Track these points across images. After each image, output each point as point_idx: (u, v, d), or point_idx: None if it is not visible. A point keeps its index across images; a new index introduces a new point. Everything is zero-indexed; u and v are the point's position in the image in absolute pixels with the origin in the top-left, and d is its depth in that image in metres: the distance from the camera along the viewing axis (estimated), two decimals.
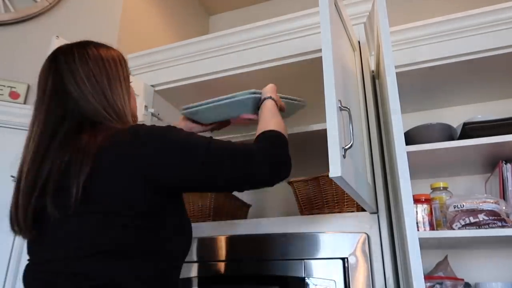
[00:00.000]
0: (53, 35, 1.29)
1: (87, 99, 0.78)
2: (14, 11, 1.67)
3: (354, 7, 1.32)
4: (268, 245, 1.14)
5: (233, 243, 1.19)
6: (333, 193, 1.21)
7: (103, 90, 0.80)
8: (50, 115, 0.77)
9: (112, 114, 0.79)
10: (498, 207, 1.00)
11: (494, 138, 1.07)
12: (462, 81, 1.43)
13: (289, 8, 2.21)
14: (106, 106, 0.79)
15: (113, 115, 0.79)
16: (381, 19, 0.99)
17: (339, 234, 1.08)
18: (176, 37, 2.12)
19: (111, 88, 0.81)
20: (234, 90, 1.54)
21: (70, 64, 0.80)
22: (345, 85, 0.94)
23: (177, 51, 1.55)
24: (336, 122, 0.76)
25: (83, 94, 0.78)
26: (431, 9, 1.96)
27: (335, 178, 0.73)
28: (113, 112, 0.79)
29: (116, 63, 0.85)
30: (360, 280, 1.01)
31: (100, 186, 0.69)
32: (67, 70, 0.79)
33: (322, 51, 0.84)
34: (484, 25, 1.25)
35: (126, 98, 0.84)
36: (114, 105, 0.80)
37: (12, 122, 1.47)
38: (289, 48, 1.37)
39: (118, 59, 0.86)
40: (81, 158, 0.69)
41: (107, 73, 0.81)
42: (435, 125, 1.21)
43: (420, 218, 1.09)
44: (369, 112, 1.21)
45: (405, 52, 1.33)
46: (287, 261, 1.09)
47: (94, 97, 0.78)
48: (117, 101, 0.81)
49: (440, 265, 1.26)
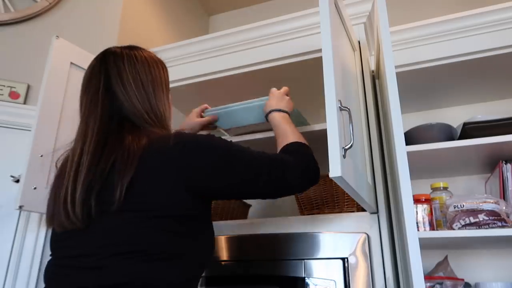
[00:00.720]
0: (53, 35, 1.30)
1: (131, 102, 0.80)
2: (14, 11, 1.67)
3: (354, 7, 1.32)
4: (268, 245, 1.14)
5: (233, 243, 1.19)
6: (333, 193, 1.22)
7: (147, 94, 0.82)
8: (104, 114, 0.78)
9: (154, 118, 0.82)
10: (498, 207, 1.00)
11: (494, 138, 1.07)
12: (462, 81, 1.43)
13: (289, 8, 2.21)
14: (149, 110, 0.82)
15: (154, 119, 0.82)
16: (381, 19, 0.99)
17: (339, 234, 1.08)
18: (176, 37, 2.12)
19: (155, 93, 0.84)
20: (234, 90, 1.55)
21: (119, 65, 0.82)
22: (345, 85, 0.94)
23: (177, 51, 1.55)
24: (336, 122, 0.76)
25: (128, 96, 0.80)
26: (431, 9, 1.96)
27: (335, 178, 0.73)
28: (154, 116, 0.82)
29: (160, 68, 0.88)
30: (360, 280, 1.01)
31: (142, 188, 0.70)
32: (115, 71, 0.82)
33: (322, 51, 0.84)
34: (484, 25, 1.25)
35: (167, 104, 0.87)
36: (157, 110, 0.83)
37: (12, 122, 1.47)
38: (289, 48, 1.37)
39: (161, 65, 0.89)
40: (126, 159, 0.71)
41: (152, 78, 0.84)
42: (435, 125, 1.21)
43: (420, 218, 1.09)
44: (369, 112, 1.21)
45: (405, 52, 1.33)
46: (287, 261, 1.09)
47: (139, 101, 0.81)
48: (159, 107, 0.84)
49: (440, 265, 1.26)
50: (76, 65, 1.34)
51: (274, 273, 1.10)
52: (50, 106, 1.25)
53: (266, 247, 1.14)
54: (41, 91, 1.23)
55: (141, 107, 0.80)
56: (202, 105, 1.26)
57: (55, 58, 1.28)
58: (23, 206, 1.14)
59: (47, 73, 1.25)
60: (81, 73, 0.89)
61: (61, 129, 1.26)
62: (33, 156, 1.17)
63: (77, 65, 1.34)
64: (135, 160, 0.71)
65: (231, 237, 1.20)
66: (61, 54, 1.31)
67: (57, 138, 1.25)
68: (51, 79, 1.26)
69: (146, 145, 0.73)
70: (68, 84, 1.31)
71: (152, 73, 0.85)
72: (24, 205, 1.14)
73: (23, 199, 1.14)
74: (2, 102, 1.48)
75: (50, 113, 1.25)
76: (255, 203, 1.79)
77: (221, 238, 1.20)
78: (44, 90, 1.23)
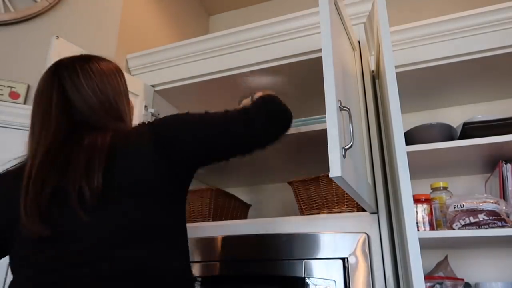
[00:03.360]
0: (53, 35, 1.29)
1: (94, 112, 0.81)
2: (14, 11, 1.67)
3: (354, 7, 1.32)
4: (268, 245, 1.14)
5: (233, 243, 1.19)
6: (333, 193, 1.22)
7: (110, 103, 0.84)
8: (60, 127, 0.78)
9: (119, 121, 0.85)
10: (498, 207, 1.00)
11: (494, 138, 1.07)
12: (462, 81, 1.43)
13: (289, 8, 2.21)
14: (115, 116, 0.84)
15: (120, 121, 0.85)
16: (381, 19, 0.99)
17: (339, 234, 1.08)
18: (176, 37, 2.12)
19: (115, 100, 0.85)
20: (234, 90, 1.55)
21: (75, 80, 0.82)
22: (345, 85, 0.94)
23: (177, 51, 1.55)
24: (336, 122, 0.76)
25: (91, 108, 0.81)
26: (431, 9, 1.96)
27: (335, 178, 0.73)
28: (120, 120, 0.85)
29: (117, 76, 0.88)
30: (360, 280, 1.01)
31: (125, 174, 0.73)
32: (72, 86, 0.81)
33: (322, 51, 0.84)
34: (484, 25, 1.25)
35: (127, 109, 0.89)
36: (123, 115, 0.86)
37: (12, 122, 1.47)
38: (289, 48, 1.37)
39: (117, 73, 0.89)
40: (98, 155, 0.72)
41: (111, 87, 0.85)
42: (435, 125, 1.21)
43: (420, 218, 1.09)
44: (369, 112, 1.21)
45: (405, 52, 1.33)
46: (287, 261, 1.09)
47: (102, 110, 0.82)
48: (120, 106, 0.86)
49: (440, 265, 1.26)
50: None
51: (274, 273, 1.10)
52: None
53: (266, 247, 1.14)
54: None
55: (106, 115, 0.82)
56: None
57: (55, 58, 1.27)
58: None
59: None
60: None
61: None
62: None
63: None
64: (103, 154, 0.72)
65: (231, 237, 1.20)
66: (61, 54, 1.30)
67: None
68: None
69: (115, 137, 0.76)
70: None
71: (110, 82, 0.85)
72: None
73: None
74: (2, 102, 1.48)
75: None
76: (255, 203, 1.79)
77: (222, 238, 1.20)
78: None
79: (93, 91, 0.82)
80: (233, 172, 1.69)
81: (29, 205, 0.69)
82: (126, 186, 0.72)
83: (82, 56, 0.88)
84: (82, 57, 0.88)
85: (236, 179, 1.79)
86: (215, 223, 1.31)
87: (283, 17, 1.38)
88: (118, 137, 0.77)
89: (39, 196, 0.70)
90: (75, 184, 0.69)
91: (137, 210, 0.71)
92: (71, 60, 0.86)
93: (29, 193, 0.70)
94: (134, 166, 0.73)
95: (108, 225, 0.69)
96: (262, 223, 1.20)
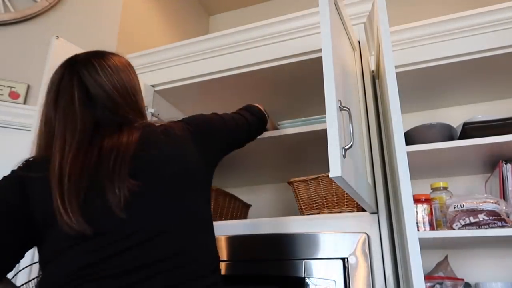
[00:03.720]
0: (53, 35, 1.30)
1: (120, 108, 0.82)
2: (14, 11, 1.67)
3: (354, 7, 1.32)
4: (268, 245, 1.14)
5: (233, 243, 1.19)
6: (333, 193, 1.22)
7: (131, 98, 0.85)
8: (86, 124, 0.77)
9: (141, 116, 0.87)
10: (498, 207, 1.00)
11: (494, 138, 1.07)
12: (462, 81, 1.43)
13: (289, 8, 2.21)
14: (138, 112, 0.86)
15: (142, 117, 0.87)
16: (381, 19, 0.99)
17: (339, 234, 1.08)
18: (176, 37, 2.12)
19: (135, 96, 0.87)
20: (234, 90, 1.55)
21: (95, 77, 0.82)
22: (345, 85, 0.94)
23: (177, 51, 1.55)
24: (336, 122, 0.76)
25: (116, 104, 0.82)
26: (431, 9, 1.96)
27: (335, 178, 0.73)
28: (142, 115, 0.87)
29: (131, 72, 0.90)
30: (360, 280, 1.01)
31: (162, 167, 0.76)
32: (94, 82, 0.81)
33: (322, 51, 0.84)
34: (484, 25, 1.25)
35: (143, 105, 0.91)
36: (142, 111, 0.89)
37: (12, 122, 1.47)
38: (289, 48, 1.37)
39: (130, 68, 0.91)
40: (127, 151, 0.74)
41: (129, 83, 0.86)
42: (435, 125, 1.21)
43: (420, 218, 1.09)
44: (369, 112, 1.21)
45: (405, 52, 1.33)
46: (287, 261, 1.09)
47: (126, 105, 0.83)
48: (142, 108, 0.89)
49: (440, 265, 1.26)
50: None
51: (274, 273, 1.10)
52: None
53: (266, 247, 1.14)
54: (41, 91, 1.23)
55: (128, 109, 0.83)
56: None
57: (55, 58, 1.28)
58: None
59: (47, 73, 1.25)
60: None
61: None
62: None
63: None
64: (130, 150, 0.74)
65: (231, 237, 1.20)
66: (61, 54, 1.30)
67: None
68: None
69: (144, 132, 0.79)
70: None
71: (127, 79, 0.86)
72: None
73: None
74: (2, 102, 1.48)
75: None
76: (255, 203, 1.79)
77: (221, 238, 1.20)
78: (44, 90, 1.23)
79: (114, 87, 0.82)
80: (233, 172, 1.69)
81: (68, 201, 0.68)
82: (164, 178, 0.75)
83: (96, 52, 0.88)
84: (97, 53, 0.88)
85: (236, 179, 1.79)
86: (215, 223, 1.30)
87: (283, 17, 1.38)
88: (149, 131, 0.80)
89: (76, 193, 0.69)
90: (110, 181, 0.70)
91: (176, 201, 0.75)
92: (86, 56, 0.86)
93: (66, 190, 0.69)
94: (172, 159, 0.78)
95: (145, 219, 0.71)
96: (262, 223, 1.20)
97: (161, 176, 0.75)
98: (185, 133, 0.85)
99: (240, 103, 1.23)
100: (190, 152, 0.83)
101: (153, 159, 0.76)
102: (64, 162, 0.72)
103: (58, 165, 0.71)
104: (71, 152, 0.73)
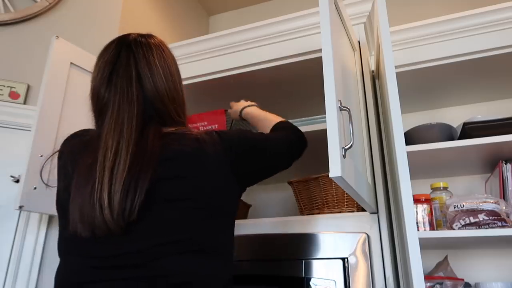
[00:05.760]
0: (53, 35, 1.30)
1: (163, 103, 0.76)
2: (14, 11, 1.67)
3: (354, 7, 1.32)
4: (268, 245, 1.14)
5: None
6: (333, 193, 1.22)
7: (177, 92, 0.80)
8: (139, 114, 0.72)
9: (181, 115, 0.80)
10: (498, 207, 1.00)
11: (494, 138, 1.07)
12: (462, 81, 1.43)
13: (289, 8, 2.21)
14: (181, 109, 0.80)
15: (182, 116, 0.80)
16: (381, 19, 0.99)
17: (339, 234, 1.08)
18: (176, 37, 2.12)
19: (180, 87, 0.82)
20: (234, 90, 1.55)
21: (148, 57, 0.76)
22: (345, 85, 0.94)
23: (177, 51, 1.54)
24: (336, 122, 0.76)
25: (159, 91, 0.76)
26: (431, 9, 1.96)
27: (335, 178, 0.73)
28: (184, 115, 0.81)
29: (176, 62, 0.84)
30: (360, 280, 1.01)
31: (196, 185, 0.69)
32: (145, 62, 0.76)
33: (322, 51, 0.84)
34: (484, 25, 1.25)
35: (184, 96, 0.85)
36: (182, 105, 0.81)
37: (12, 122, 1.48)
38: (289, 48, 1.37)
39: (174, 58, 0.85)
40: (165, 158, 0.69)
41: (177, 71, 0.82)
42: (435, 125, 1.21)
43: (420, 218, 1.09)
44: (369, 112, 1.21)
45: (405, 52, 1.33)
46: (287, 261, 1.09)
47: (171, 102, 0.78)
48: (182, 98, 0.82)
49: (440, 265, 1.26)
50: (76, 65, 1.34)
51: (274, 273, 1.10)
52: (50, 106, 1.25)
53: (266, 247, 1.14)
54: (41, 91, 1.24)
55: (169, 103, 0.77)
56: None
57: (55, 58, 1.28)
58: (23, 207, 1.14)
59: (47, 73, 1.25)
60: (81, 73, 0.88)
61: (61, 129, 1.26)
62: (33, 156, 1.17)
63: (77, 65, 1.34)
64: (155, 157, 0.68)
65: None
66: (61, 54, 1.31)
67: (57, 138, 1.25)
68: (51, 79, 1.26)
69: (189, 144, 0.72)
70: (68, 84, 1.31)
71: (176, 67, 0.82)
72: (24, 205, 1.14)
73: (23, 199, 1.14)
74: (2, 102, 1.48)
75: (50, 113, 1.25)
76: (255, 203, 1.79)
77: None
78: (44, 90, 1.23)
79: (163, 70, 0.77)
80: None
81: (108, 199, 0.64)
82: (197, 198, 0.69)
83: (149, 35, 0.83)
84: (145, 34, 0.83)
85: None
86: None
87: (283, 17, 1.38)
88: (185, 138, 0.72)
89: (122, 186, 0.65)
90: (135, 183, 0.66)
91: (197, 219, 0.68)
92: (138, 36, 0.81)
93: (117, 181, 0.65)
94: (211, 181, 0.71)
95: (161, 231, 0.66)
96: (262, 223, 1.20)
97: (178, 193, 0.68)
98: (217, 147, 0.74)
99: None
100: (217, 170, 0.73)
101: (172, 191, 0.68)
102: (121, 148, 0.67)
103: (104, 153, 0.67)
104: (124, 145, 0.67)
